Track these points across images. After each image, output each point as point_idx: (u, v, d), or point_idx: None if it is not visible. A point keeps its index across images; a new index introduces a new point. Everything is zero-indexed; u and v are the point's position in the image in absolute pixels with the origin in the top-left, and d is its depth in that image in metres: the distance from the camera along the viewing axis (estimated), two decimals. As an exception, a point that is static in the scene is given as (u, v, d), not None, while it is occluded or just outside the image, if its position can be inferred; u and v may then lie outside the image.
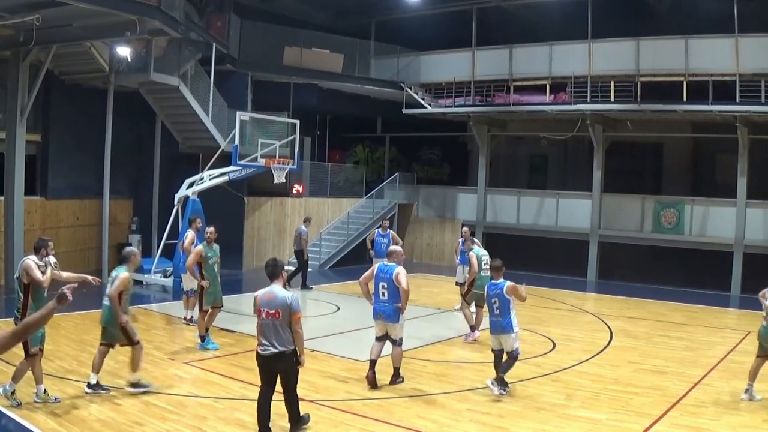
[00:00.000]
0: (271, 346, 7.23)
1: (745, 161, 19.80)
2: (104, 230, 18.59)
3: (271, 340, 7.24)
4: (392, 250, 9.82)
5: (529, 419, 8.35)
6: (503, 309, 9.34)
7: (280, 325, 7.23)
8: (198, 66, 19.99)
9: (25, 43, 15.40)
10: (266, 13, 23.66)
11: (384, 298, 9.38)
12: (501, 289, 9.38)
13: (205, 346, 11.37)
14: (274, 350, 7.22)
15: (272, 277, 7.49)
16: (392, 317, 9.36)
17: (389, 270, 9.41)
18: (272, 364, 7.31)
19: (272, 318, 7.24)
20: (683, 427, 8.15)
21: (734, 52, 18.52)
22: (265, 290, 7.43)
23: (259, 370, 7.48)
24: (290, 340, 7.28)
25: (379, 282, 9.43)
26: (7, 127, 16.49)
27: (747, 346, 12.81)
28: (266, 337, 7.27)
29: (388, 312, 9.35)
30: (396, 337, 9.50)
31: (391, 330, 9.48)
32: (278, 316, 7.23)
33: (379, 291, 9.42)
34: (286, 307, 7.24)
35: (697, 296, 18.89)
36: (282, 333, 7.24)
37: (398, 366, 9.69)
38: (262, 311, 7.31)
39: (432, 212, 26.56)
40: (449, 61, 24.17)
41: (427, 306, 16.28)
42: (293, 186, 23.20)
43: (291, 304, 7.26)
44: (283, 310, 7.23)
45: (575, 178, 25.50)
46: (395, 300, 9.31)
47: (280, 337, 7.23)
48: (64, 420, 7.67)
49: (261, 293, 7.42)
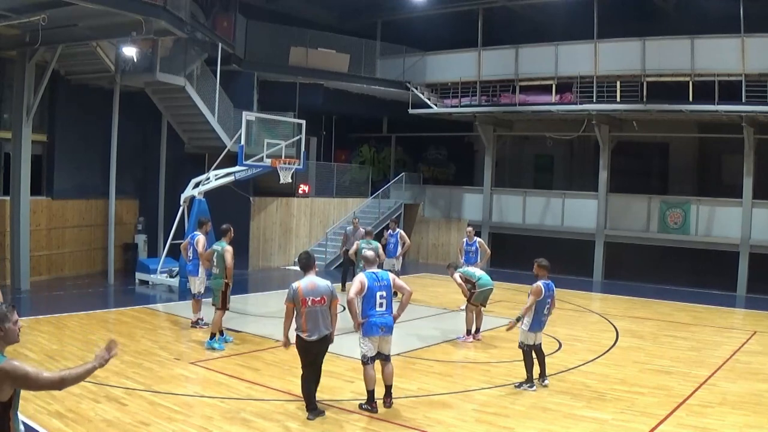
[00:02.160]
0: (318, 331, 8.03)
1: (751, 161, 19.74)
2: (110, 230, 18.62)
3: (319, 325, 8.04)
4: (367, 256, 8.89)
5: (535, 419, 8.35)
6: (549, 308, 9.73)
7: (326, 310, 8.12)
8: (204, 66, 20.02)
9: (31, 43, 15.45)
10: (272, 13, 23.69)
11: (382, 309, 8.39)
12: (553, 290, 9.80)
13: (212, 345, 11.37)
14: (322, 333, 8.07)
15: (307, 268, 8.32)
16: (392, 329, 8.54)
17: (383, 276, 8.58)
18: (321, 346, 8.17)
19: (319, 304, 8.06)
20: (689, 427, 8.13)
21: (740, 52, 18.47)
22: (305, 281, 8.15)
23: (304, 354, 8.18)
24: (329, 324, 8.18)
25: (376, 292, 8.39)
26: (13, 127, 16.56)
27: (753, 346, 12.81)
28: (315, 322, 8.03)
29: (391, 323, 8.47)
30: (389, 352, 8.65)
31: (388, 344, 8.59)
32: (324, 301, 8.09)
33: (377, 302, 8.38)
34: (329, 293, 8.16)
35: (703, 296, 18.84)
36: (327, 317, 8.14)
37: (392, 383, 8.75)
38: (307, 300, 8.02)
39: (438, 212, 26.55)
40: (455, 61, 24.16)
41: (433, 306, 16.31)
42: (299, 186, 23.22)
43: (332, 291, 8.22)
44: (327, 296, 8.12)
45: (581, 178, 25.48)
46: (392, 309, 8.55)
47: (327, 320, 8.13)
48: (69, 420, 7.68)
49: (303, 284, 8.11)
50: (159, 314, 14.86)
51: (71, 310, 13.95)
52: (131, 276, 18.58)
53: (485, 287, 12.57)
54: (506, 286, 19.16)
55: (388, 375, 8.62)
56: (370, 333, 8.36)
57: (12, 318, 4.47)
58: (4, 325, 4.41)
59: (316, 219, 23.85)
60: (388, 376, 8.63)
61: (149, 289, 17.69)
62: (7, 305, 4.55)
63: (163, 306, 15.76)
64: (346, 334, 13.11)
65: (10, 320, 4.45)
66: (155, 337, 12.21)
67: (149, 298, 16.57)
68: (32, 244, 17.07)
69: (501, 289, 18.05)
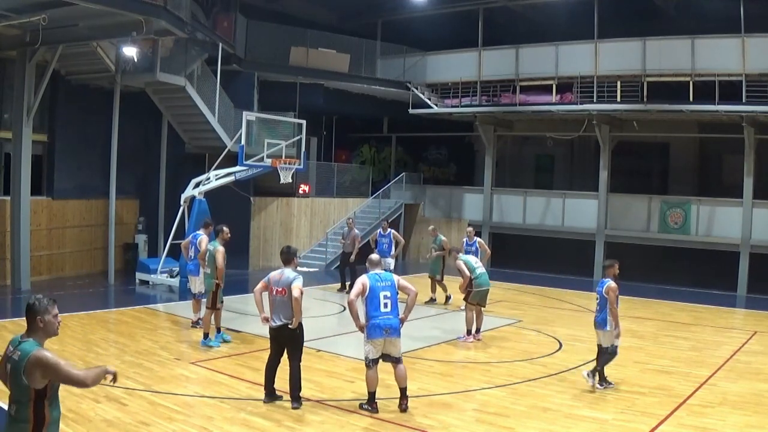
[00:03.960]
0: (277, 319, 8.41)
1: (752, 161, 19.73)
2: (111, 230, 18.62)
3: (279, 313, 8.41)
4: (371, 258, 8.89)
5: (536, 419, 8.34)
6: (600, 305, 9.75)
7: (285, 301, 8.37)
8: (204, 66, 20.02)
9: (31, 43, 15.45)
10: (273, 13, 23.69)
11: (387, 310, 8.28)
12: (602, 287, 9.79)
13: (207, 344, 11.38)
14: (281, 322, 8.37)
15: (284, 262, 8.67)
16: (398, 330, 8.39)
17: (387, 277, 8.53)
18: (279, 333, 8.46)
19: (280, 295, 8.41)
20: (689, 427, 8.13)
21: (741, 52, 18.47)
22: (278, 272, 8.59)
23: (270, 339, 8.67)
24: (289, 315, 8.38)
25: (380, 292, 8.33)
26: (13, 127, 16.54)
27: (753, 346, 12.80)
28: (276, 311, 8.44)
29: (396, 325, 8.32)
30: (399, 354, 8.49)
31: (396, 347, 8.43)
32: (284, 293, 8.37)
33: (381, 302, 8.29)
34: (288, 285, 8.36)
35: (704, 296, 18.83)
36: (286, 308, 8.38)
37: (406, 385, 8.56)
38: (273, 289, 8.49)
39: (438, 212, 26.54)
40: (455, 61, 24.17)
41: (433, 306, 16.29)
42: (299, 186, 23.22)
43: (291, 283, 8.36)
44: (287, 288, 8.37)
45: (581, 178, 25.48)
46: (398, 311, 8.43)
47: (286, 311, 8.37)
48: (69, 420, 7.66)
49: (274, 274, 8.60)
50: (159, 314, 14.86)
51: (71, 310, 13.94)
52: (131, 276, 18.58)
53: (482, 287, 12.55)
54: (506, 286, 19.17)
55: (400, 377, 8.46)
56: (373, 335, 8.27)
57: (52, 311, 4.75)
58: (44, 317, 4.69)
59: (316, 219, 23.85)
60: (401, 379, 8.47)
61: (149, 289, 17.69)
62: (48, 299, 4.79)
63: (163, 306, 15.76)
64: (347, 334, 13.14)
65: (50, 313, 4.74)
66: (155, 337, 12.21)
67: (149, 298, 16.57)
68: (32, 244, 17.06)
69: (501, 289, 18.08)
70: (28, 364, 4.46)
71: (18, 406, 4.52)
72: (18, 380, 4.51)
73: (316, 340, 11.52)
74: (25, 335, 4.68)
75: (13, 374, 4.53)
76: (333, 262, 22.67)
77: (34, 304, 4.70)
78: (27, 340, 4.63)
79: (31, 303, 4.71)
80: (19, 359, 4.51)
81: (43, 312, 4.69)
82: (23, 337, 4.65)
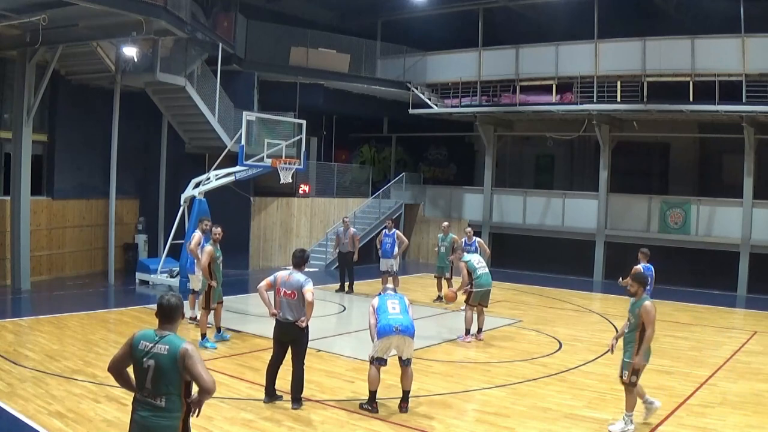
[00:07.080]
0: (285, 316, 8.46)
1: (752, 161, 19.74)
2: (111, 230, 18.61)
3: (285, 313, 8.46)
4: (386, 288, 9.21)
5: (536, 419, 8.34)
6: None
7: (296, 303, 8.42)
8: (204, 66, 20.02)
9: (31, 43, 15.46)
10: (273, 13, 23.69)
11: (396, 311, 8.45)
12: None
13: (204, 345, 11.38)
14: (288, 319, 8.43)
15: (295, 265, 8.74)
16: (410, 330, 8.40)
17: (395, 296, 8.78)
18: (285, 329, 8.48)
19: (289, 297, 8.44)
20: (689, 427, 8.13)
21: (741, 52, 18.47)
22: (286, 272, 8.66)
23: (275, 334, 8.69)
24: (296, 315, 8.43)
25: (387, 300, 8.60)
26: (13, 127, 16.56)
27: (753, 346, 12.81)
28: (283, 311, 8.49)
29: (405, 324, 8.34)
30: (410, 356, 8.53)
31: (407, 347, 8.45)
32: (294, 296, 8.43)
33: (389, 307, 8.50)
34: (299, 288, 8.39)
35: (704, 296, 18.85)
36: (295, 309, 8.43)
37: (411, 388, 8.63)
38: (281, 290, 8.51)
39: (438, 212, 26.52)
40: (456, 61, 24.17)
41: (433, 306, 16.29)
42: (299, 186, 23.22)
43: (302, 286, 8.40)
44: (296, 291, 8.41)
45: (582, 178, 25.49)
46: (408, 315, 8.54)
47: (294, 312, 8.43)
48: (69, 420, 7.67)
49: (283, 275, 8.64)
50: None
51: (72, 310, 13.94)
52: (132, 276, 18.58)
53: (482, 288, 12.53)
54: (506, 286, 19.17)
55: (406, 380, 8.49)
56: (384, 333, 8.31)
57: None
58: (183, 313, 5.09)
59: (316, 219, 23.85)
60: (406, 381, 8.50)
61: (150, 289, 17.69)
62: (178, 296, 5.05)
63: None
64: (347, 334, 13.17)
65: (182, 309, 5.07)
66: (155, 337, 12.19)
67: (150, 298, 16.54)
68: (32, 244, 17.07)
69: (501, 289, 18.06)
70: (181, 356, 4.68)
71: (168, 398, 4.74)
72: (171, 373, 4.71)
73: (316, 340, 11.46)
74: (159, 330, 4.83)
75: (164, 368, 4.69)
76: (333, 262, 22.68)
77: (176, 302, 4.90)
78: (168, 334, 4.80)
79: (172, 302, 4.89)
80: (169, 352, 4.69)
81: (183, 308, 5.01)
82: (159, 332, 4.81)
